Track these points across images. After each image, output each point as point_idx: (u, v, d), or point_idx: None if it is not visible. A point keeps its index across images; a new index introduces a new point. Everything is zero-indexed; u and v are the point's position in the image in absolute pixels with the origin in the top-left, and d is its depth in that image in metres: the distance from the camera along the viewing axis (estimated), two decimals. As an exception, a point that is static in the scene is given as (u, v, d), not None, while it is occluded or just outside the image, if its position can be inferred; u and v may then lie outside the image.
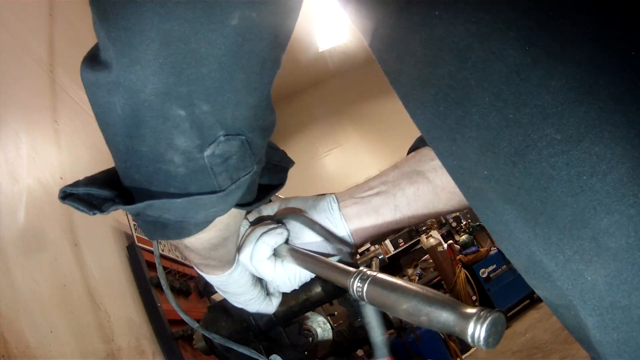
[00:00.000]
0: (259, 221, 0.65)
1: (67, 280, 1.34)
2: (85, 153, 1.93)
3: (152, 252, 2.07)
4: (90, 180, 0.45)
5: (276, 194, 0.58)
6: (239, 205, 0.48)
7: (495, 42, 0.34)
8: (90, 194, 0.44)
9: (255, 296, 0.66)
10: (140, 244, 1.90)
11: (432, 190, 0.58)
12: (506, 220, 0.36)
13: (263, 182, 0.54)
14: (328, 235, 0.61)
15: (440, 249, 4.85)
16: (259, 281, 0.67)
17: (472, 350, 4.37)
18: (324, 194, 0.65)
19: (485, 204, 0.38)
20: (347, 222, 0.60)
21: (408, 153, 0.65)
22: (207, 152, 0.39)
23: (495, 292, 4.54)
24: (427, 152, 0.60)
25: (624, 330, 0.31)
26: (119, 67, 0.35)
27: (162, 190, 0.41)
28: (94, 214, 0.42)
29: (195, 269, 0.63)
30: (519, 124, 0.33)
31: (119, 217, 1.92)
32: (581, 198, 0.31)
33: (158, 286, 1.82)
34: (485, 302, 4.59)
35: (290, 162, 0.59)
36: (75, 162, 1.78)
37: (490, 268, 4.56)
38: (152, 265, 1.90)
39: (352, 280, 0.47)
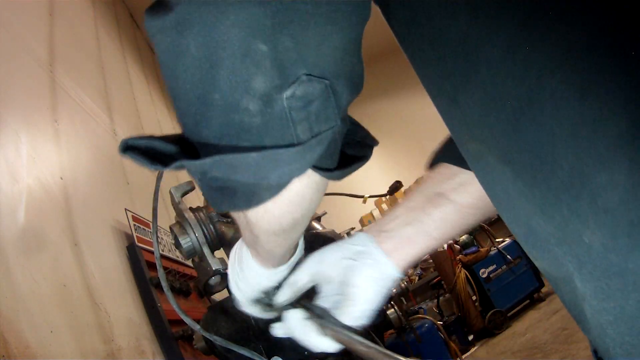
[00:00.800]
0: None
1: (67, 280, 1.34)
2: (85, 153, 1.93)
3: (152, 252, 2.07)
4: (153, 137, 0.41)
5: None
6: (319, 168, 0.44)
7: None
8: (153, 148, 0.40)
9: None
10: (140, 244, 1.90)
11: (457, 210, 0.58)
12: (505, 184, 0.37)
13: (347, 152, 0.50)
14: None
15: (440, 249, 4.85)
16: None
17: (472, 350, 4.38)
18: (352, 233, 0.64)
19: (485, 168, 0.39)
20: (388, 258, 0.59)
21: (427, 167, 0.65)
22: (287, 93, 0.35)
23: (495, 292, 4.55)
24: (445, 170, 0.59)
25: (619, 298, 0.32)
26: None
27: (233, 144, 0.37)
28: (155, 168, 0.39)
29: (245, 250, 0.61)
30: (526, 78, 0.33)
31: (119, 217, 1.92)
32: (581, 154, 0.31)
33: (158, 286, 1.82)
34: (485, 302, 4.59)
35: (375, 141, 0.53)
36: (75, 162, 1.78)
37: (490, 268, 4.56)
38: (152, 265, 1.90)
39: None
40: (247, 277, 0.63)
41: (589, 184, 0.31)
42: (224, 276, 0.95)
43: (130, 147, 0.40)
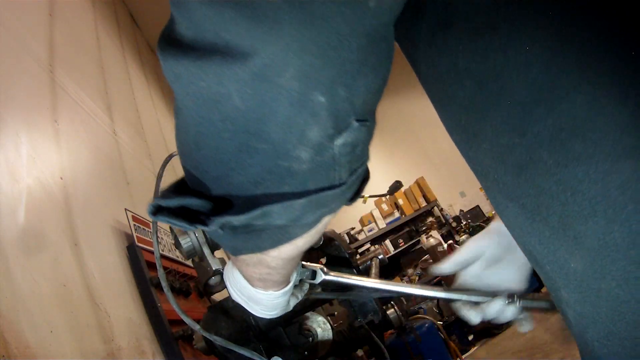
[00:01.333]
0: None
1: (67, 280, 1.34)
2: (85, 153, 1.93)
3: (152, 252, 2.07)
4: (178, 189, 0.40)
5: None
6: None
7: (508, 79, 0.41)
8: (184, 206, 0.39)
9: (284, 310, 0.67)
10: (140, 244, 1.90)
11: None
12: (509, 215, 0.46)
13: None
14: None
15: (440, 249, 4.85)
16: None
17: (472, 350, 4.38)
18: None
19: (494, 199, 0.47)
20: None
21: None
22: (339, 141, 0.36)
23: (495, 292, 4.53)
24: None
25: (597, 305, 0.41)
26: (246, 48, 0.31)
27: (273, 191, 0.37)
28: (196, 228, 0.38)
29: (244, 284, 0.60)
30: (522, 146, 0.41)
31: (119, 217, 1.92)
32: (566, 208, 0.40)
33: (158, 286, 1.82)
34: (485, 302, 4.58)
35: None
36: (75, 162, 1.78)
37: (490, 268, 4.56)
38: (152, 265, 1.90)
39: None
40: (263, 303, 0.63)
41: (573, 229, 0.40)
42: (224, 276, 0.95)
43: (161, 210, 0.39)
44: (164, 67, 0.34)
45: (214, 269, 0.93)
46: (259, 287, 0.59)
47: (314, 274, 0.74)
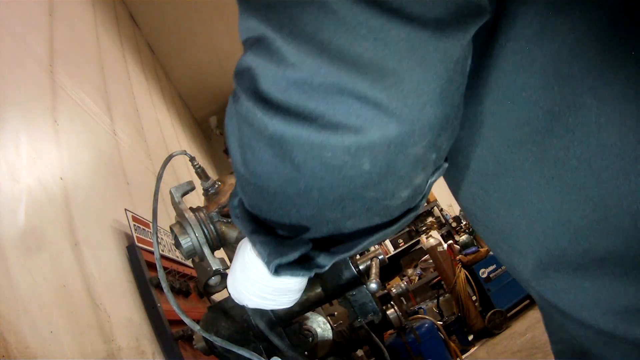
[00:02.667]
0: None
1: (67, 280, 1.34)
2: (85, 153, 1.93)
3: (152, 252, 2.07)
4: (276, 242, 0.43)
5: None
6: None
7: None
8: (305, 255, 0.43)
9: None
10: (140, 244, 1.90)
11: None
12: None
13: None
14: None
15: (440, 249, 4.85)
16: None
17: (472, 350, 4.38)
18: None
19: (483, 233, 0.53)
20: None
21: None
22: (432, 179, 0.42)
23: (495, 292, 4.54)
24: None
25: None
26: (385, 121, 0.34)
27: (365, 224, 0.41)
28: (312, 273, 0.43)
29: (264, 267, 0.64)
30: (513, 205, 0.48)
31: (119, 217, 1.92)
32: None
33: (158, 286, 1.82)
34: (485, 302, 4.59)
35: None
36: (75, 162, 1.78)
37: (490, 268, 4.56)
38: (152, 266, 1.90)
39: None
40: (291, 288, 0.65)
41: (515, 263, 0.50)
42: (223, 276, 0.95)
43: (281, 267, 0.42)
44: (272, 128, 0.35)
45: (214, 269, 0.93)
46: None
47: None
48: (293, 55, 0.33)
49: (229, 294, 0.67)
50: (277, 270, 0.41)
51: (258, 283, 0.60)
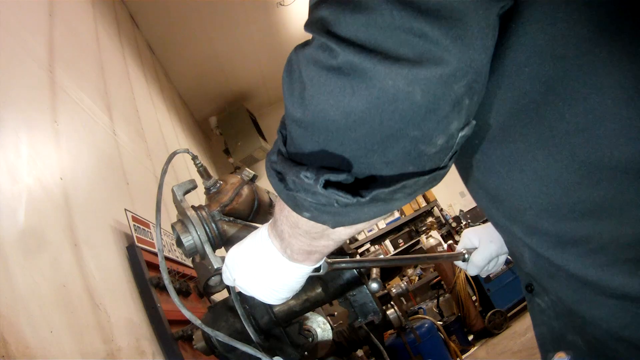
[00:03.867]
0: None
1: (67, 280, 1.34)
2: (85, 153, 1.93)
3: (152, 253, 2.06)
4: (334, 172, 0.46)
5: None
6: None
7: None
8: (340, 182, 0.45)
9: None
10: (140, 244, 1.90)
11: None
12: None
13: None
14: None
15: (440, 249, 4.85)
16: None
17: (472, 350, 4.38)
18: None
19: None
20: None
21: None
22: (462, 133, 0.45)
23: (495, 292, 4.54)
24: None
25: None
26: (438, 55, 0.39)
27: (400, 170, 0.45)
28: (355, 199, 0.44)
29: (282, 254, 0.65)
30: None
31: (119, 217, 1.92)
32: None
33: (158, 286, 1.82)
34: (485, 302, 4.59)
35: None
36: (75, 162, 1.78)
37: (490, 268, 4.56)
38: (151, 266, 1.91)
39: None
40: (287, 285, 0.69)
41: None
42: (224, 276, 0.95)
43: (330, 184, 0.44)
44: (343, 57, 0.40)
45: (215, 267, 0.93)
46: (296, 261, 0.65)
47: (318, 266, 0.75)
48: (370, 1, 0.40)
49: (229, 293, 0.68)
50: (325, 186, 0.44)
51: (263, 259, 0.67)
